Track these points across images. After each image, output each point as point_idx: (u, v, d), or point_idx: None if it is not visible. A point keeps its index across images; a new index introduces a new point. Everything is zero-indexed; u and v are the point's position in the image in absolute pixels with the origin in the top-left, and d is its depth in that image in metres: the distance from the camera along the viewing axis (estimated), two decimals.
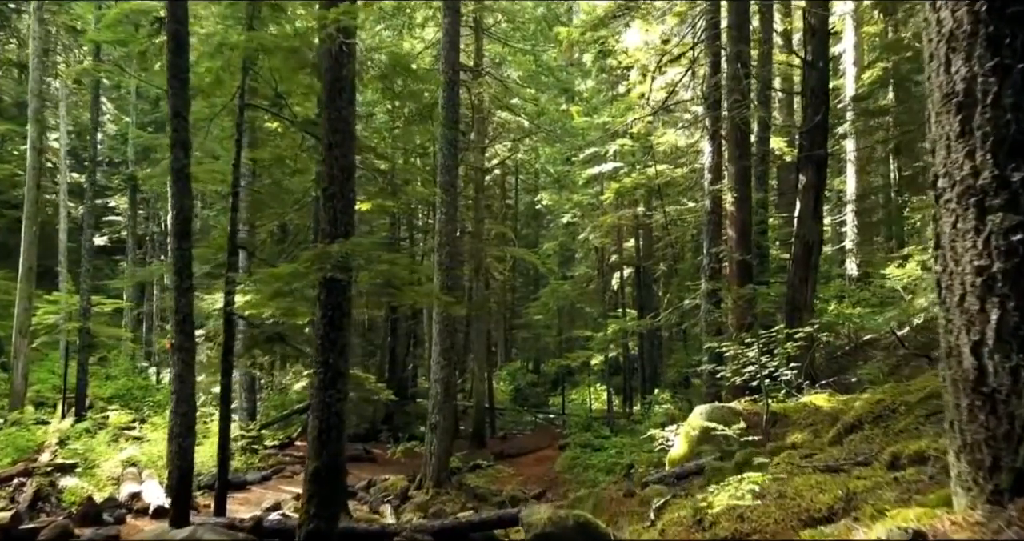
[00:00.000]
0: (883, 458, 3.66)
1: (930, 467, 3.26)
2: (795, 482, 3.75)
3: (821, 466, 4.44)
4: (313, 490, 6.85)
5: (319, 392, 7.02)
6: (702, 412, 8.93)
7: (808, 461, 4.82)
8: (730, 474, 7.12)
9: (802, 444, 7.08)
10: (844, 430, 5.80)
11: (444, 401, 14.62)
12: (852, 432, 5.69)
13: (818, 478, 3.73)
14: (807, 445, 6.79)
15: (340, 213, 7.17)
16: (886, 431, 5.25)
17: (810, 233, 12.43)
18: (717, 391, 12.67)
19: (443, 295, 13.80)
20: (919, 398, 5.43)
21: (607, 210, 24.34)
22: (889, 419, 5.49)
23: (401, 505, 13.48)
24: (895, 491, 3.04)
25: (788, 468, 4.62)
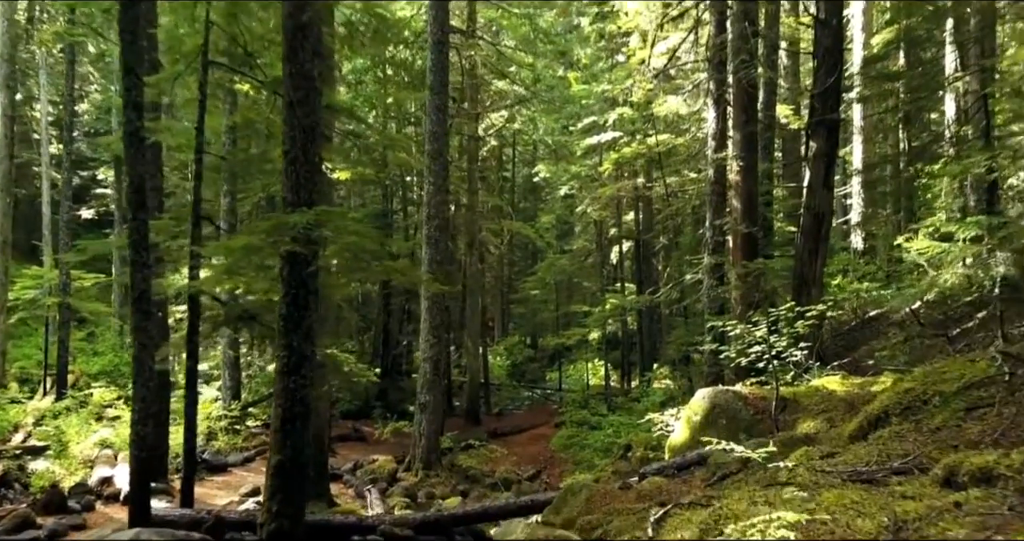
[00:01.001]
0: (936, 473, 2.98)
1: (1003, 491, 2.59)
2: (824, 498, 3.08)
3: (849, 472, 3.76)
4: (276, 486, 6.20)
5: (282, 378, 6.35)
6: (705, 396, 8.27)
7: (831, 464, 4.15)
8: (735, 466, 6.47)
9: (816, 435, 6.41)
10: (868, 423, 5.13)
11: (433, 380, 14.00)
12: (878, 426, 5.01)
13: (852, 495, 3.06)
14: (823, 437, 6.13)
15: (303, 179, 6.43)
16: (919, 427, 4.57)
17: (820, 203, 11.69)
18: (719, 371, 12.02)
19: (423, 271, 13.11)
20: (956, 388, 4.74)
21: (606, 182, 23.54)
22: (921, 412, 4.81)
23: (388, 488, 12.91)
24: (961, 524, 2.37)
25: (809, 475, 3.95)
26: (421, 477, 13.65)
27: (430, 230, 13.95)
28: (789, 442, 6.28)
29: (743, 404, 7.91)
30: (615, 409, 19.42)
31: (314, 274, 6.45)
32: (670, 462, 7.49)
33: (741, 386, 8.35)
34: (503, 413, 24.10)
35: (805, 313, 8.03)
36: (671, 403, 16.74)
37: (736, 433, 7.74)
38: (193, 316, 8.54)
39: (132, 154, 7.75)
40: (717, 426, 7.93)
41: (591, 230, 28.38)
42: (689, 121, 19.86)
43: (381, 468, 13.67)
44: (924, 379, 5.13)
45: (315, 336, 6.51)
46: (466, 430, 20.01)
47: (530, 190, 40.87)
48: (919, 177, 16.78)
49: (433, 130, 14.09)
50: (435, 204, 13.95)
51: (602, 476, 13.81)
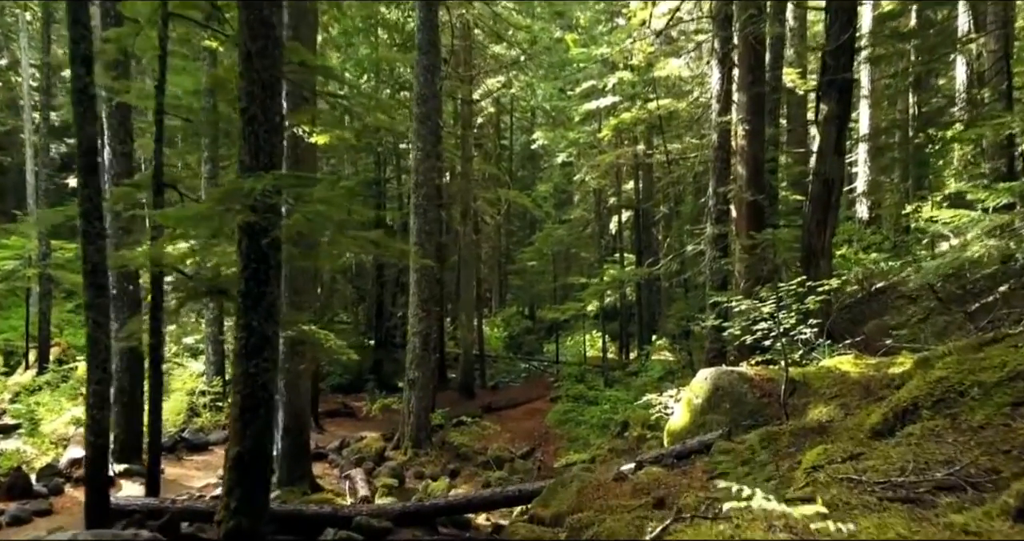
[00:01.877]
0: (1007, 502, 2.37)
1: None
2: (862, 528, 2.49)
3: (883, 484, 3.17)
4: (234, 480, 5.62)
5: (241, 362, 5.73)
6: (707, 377, 7.68)
7: (858, 469, 3.55)
8: (741, 459, 5.90)
9: (831, 424, 5.82)
10: (894, 416, 4.52)
11: (423, 356, 13.43)
12: (906, 420, 4.41)
13: (896, 524, 2.46)
14: (839, 428, 5.53)
15: (263, 141, 5.74)
16: (956, 424, 3.96)
17: (831, 169, 10.98)
18: (721, 348, 11.44)
19: (412, 241, 12.46)
20: (998, 378, 4.13)
21: (605, 149, 22.77)
22: (956, 405, 4.20)
23: (376, 468, 12.42)
24: None
25: (835, 486, 3.36)
26: (410, 456, 13.16)
27: (418, 199, 13.26)
28: (801, 432, 5.69)
29: (748, 387, 7.33)
30: (612, 383, 18.92)
31: (276, 246, 5.80)
32: (669, 450, 6.92)
33: (746, 366, 7.75)
34: (499, 386, 23.62)
35: (816, 288, 7.39)
36: (670, 378, 16.22)
37: (740, 418, 7.18)
38: (156, 292, 7.91)
39: (81, 113, 7.05)
40: (720, 410, 7.36)
41: (590, 199, 27.65)
42: (691, 84, 19.02)
43: (368, 447, 13.16)
44: (959, 366, 4.51)
45: (278, 314, 5.88)
46: (460, 404, 19.53)
47: (528, 158, 40.04)
48: (932, 143, 16.04)
49: (422, 92, 13.32)
50: (423, 171, 13.24)
51: (598, 455, 13.35)
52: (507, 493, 6.97)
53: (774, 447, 5.66)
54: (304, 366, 10.39)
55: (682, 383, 15.38)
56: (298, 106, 9.96)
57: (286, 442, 10.40)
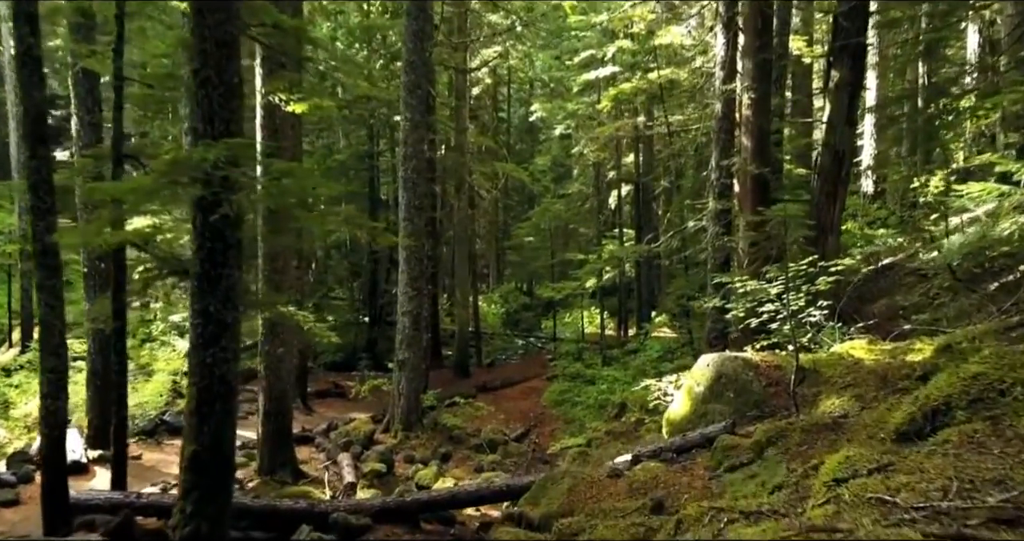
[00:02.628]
0: None
1: None
2: None
3: (925, 511, 2.64)
4: (191, 481, 5.12)
5: (197, 352, 5.20)
6: (709, 363, 7.16)
7: (889, 488, 3.02)
8: (746, 456, 5.39)
9: (846, 419, 5.30)
10: (923, 416, 3.99)
11: (413, 336, 12.91)
12: (937, 422, 3.88)
13: None
14: (856, 424, 5.00)
15: (218, 105, 5.14)
16: (999, 430, 3.44)
17: (841, 140, 10.39)
18: (723, 328, 10.92)
19: (401, 217, 11.90)
20: None
21: (604, 120, 22.05)
22: (997, 406, 3.68)
23: (364, 452, 11.95)
24: None
25: (863, 508, 2.84)
26: (400, 439, 12.71)
27: (407, 172, 12.64)
28: (813, 428, 5.17)
29: (754, 374, 6.81)
30: (610, 361, 18.45)
31: (233, 224, 5.23)
32: (668, 443, 6.42)
33: (751, 352, 7.22)
34: (495, 364, 23.17)
35: (828, 268, 6.84)
36: (669, 357, 15.75)
37: (745, 408, 6.67)
38: (118, 271, 7.37)
39: (27, 77, 6.44)
40: (723, 399, 6.85)
41: (589, 173, 26.99)
42: (693, 51, 18.26)
43: (357, 430, 12.69)
44: (998, 360, 3.98)
45: (239, 298, 5.33)
46: (454, 383, 19.10)
47: (526, 131, 39.28)
48: (944, 114, 15.37)
49: (410, 59, 12.63)
50: (412, 142, 12.60)
51: (594, 438, 12.90)
52: (494, 488, 6.50)
53: (783, 444, 5.15)
54: (283, 349, 9.87)
55: (681, 363, 14.94)
56: (273, 72, 9.33)
57: (267, 427, 9.93)
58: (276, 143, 9.67)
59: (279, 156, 9.67)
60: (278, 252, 9.77)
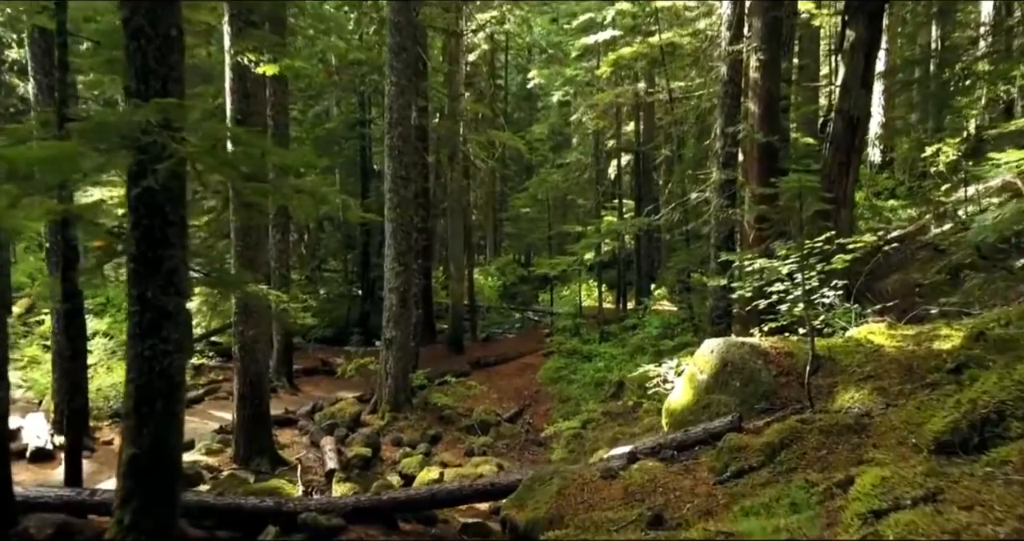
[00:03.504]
0: None
1: None
2: None
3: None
4: (130, 488, 4.54)
5: (135, 343, 4.58)
6: (713, 349, 6.55)
7: (943, 527, 2.43)
8: (756, 459, 4.81)
9: (870, 418, 4.70)
10: (969, 425, 3.40)
11: (401, 313, 12.31)
12: (986, 433, 3.28)
13: None
14: (882, 425, 4.41)
15: (153, 60, 4.45)
16: None
17: (856, 105, 9.68)
18: (727, 306, 10.31)
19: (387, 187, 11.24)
20: None
21: (603, 87, 21.21)
22: None
23: (349, 435, 11.43)
24: None
25: None
26: (388, 420, 12.17)
27: (393, 140, 11.92)
28: (833, 429, 4.58)
29: (762, 362, 6.20)
30: (608, 336, 17.89)
31: (175, 198, 4.58)
32: (668, 438, 5.84)
33: (759, 337, 6.61)
34: (490, 338, 22.63)
35: (846, 245, 6.20)
36: (669, 334, 15.18)
37: (753, 400, 6.08)
38: (67, 248, 6.72)
39: None
40: (728, 389, 6.26)
41: (588, 142, 26.18)
42: (696, 13, 17.38)
43: (342, 411, 12.15)
44: None
45: (183, 283, 4.70)
46: (448, 360, 18.58)
47: (525, 98, 38.37)
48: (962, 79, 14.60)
49: (395, 19, 11.83)
50: (398, 108, 11.86)
51: (590, 420, 12.37)
52: (477, 487, 5.95)
53: (799, 448, 4.56)
54: (258, 329, 9.26)
55: (682, 340, 14.38)
56: (242, 31, 8.58)
57: (242, 412, 9.36)
58: (248, 109, 8.95)
59: (250, 123, 8.97)
60: (251, 227, 9.12)
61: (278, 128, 13.93)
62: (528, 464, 11.34)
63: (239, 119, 8.88)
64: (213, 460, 9.43)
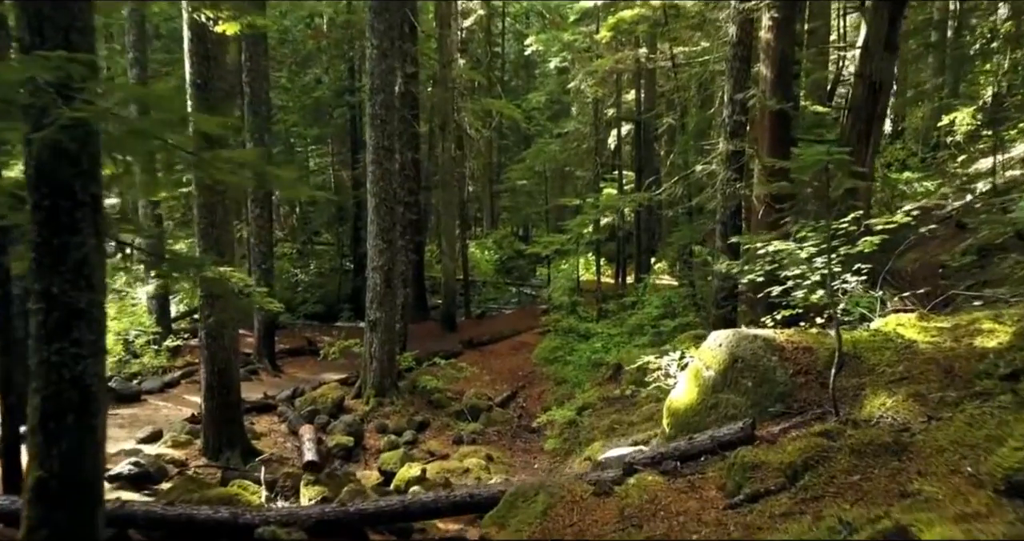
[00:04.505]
0: None
1: None
2: None
3: None
4: (38, 517, 3.84)
5: (40, 346, 3.85)
6: (722, 342, 5.83)
7: None
8: (775, 480, 4.11)
9: (911, 437, 3.98)
10: None
11: (385, 293, 11.60)
12: None
13: None
14: (930, 451, 3.70)
15: (49, 8, 3.66)
16: None
17: (879, 69, 8.84)
18: (733, 287, 9.58)
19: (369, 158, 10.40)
20: None
21: (603, 52, 20.22)
22: None
23: (331, 422, 10.79)
24: None
25: None
26: (373, 406, 11.53)
27: (375, 108, 11.09)
28: (866, 449, 3.87)
29: (777, 359, 5.48)
30: (607, 314, 17.21)
31: (86, 173, 3.82)
32: (670, 447, 5.14)
33: (773, 329, 5.87)
34: (485, 315, 21.96)
35: (875, 226, 5.45)
36: (670, 314, 14.48)
37: (767, 402, 5.38)
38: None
39: None
40: (739, 388, 5.55)
41: (588, 111, 25.22)
42: None
43: (324, 396, 11.49)
44: None
45: (97, 275, 3.96)
46: (440, 338, 17.91)
47: (522, 66, 37.21)
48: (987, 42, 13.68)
49: None
50: (380, 74, 11.00)
51: (587, 405, 11.72)
52: (454, 498, 5.28)
53: (826, 471, 3.86)
54: (226, 313, 8.55)
55: (684, 321, 13.68)
56: None
57: (210, 403, 8.70)
58: (209, 73, 8.12)
59: (212, 89, 8.15)
60: (215, 204, 8.35)
61: (255, 96, 13.08)
62: (519, 453, 10.76)
63: (199, 84, 8.07)
64: (180, 453, 8.78)
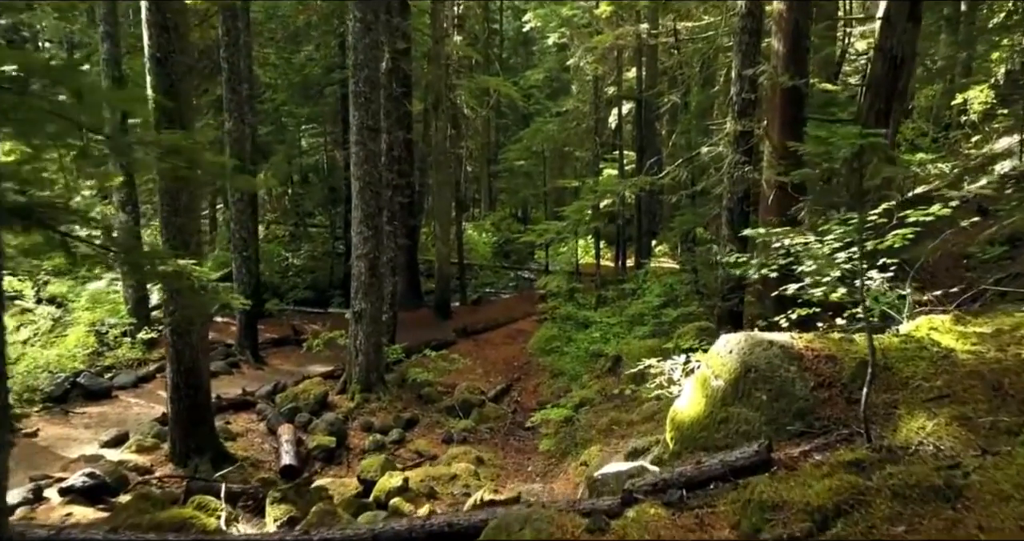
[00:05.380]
0: None
1: None
2: None
3: None
4: None
5: None
6: (733, 349, 5.18)
7: None
8: (799, 525, 3.48)
9: (963, 477, 3.33)
10: None
11: (371, 283, 10.96)
12: None
13: None
14: (991, 499, 3.06)
15: None
16: None
17: (902, 43, 8.10)
18: (739, 279, 8.92)
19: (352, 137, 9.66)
20: None
21: (603, 28, 19.40)
22: None
23: (313, 421, 10.19)
24: None
25: None
26: (358, 402, 10.94)
27: (358, 85, 10.36)
28: (911, 494, 3.23)
29: (796, 369, 4.84)
30: (607, 301, 16.58)
31: None
32: (675, 473, 4.50)
33: (790, 334, 5.21)
34: (482, 301, 21.34)
35: (907, 218, 4.78)
36: (672, 303, 13.83)
37: (784, 418, 4.74)
38: None
39: None
40: (752, 401, 4.92)
41: (588, 90, 24.41)
42: None
43: (307, 392, 10.89)
44: None
45: None
46: (433, 326, 17.31)
47: (522, 43, 36.30)
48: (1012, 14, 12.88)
49: None
50: (363, 48, 10.26)
51: (584, 400, 11.11)
52: (431, 528, 4.67)
53: (864, 519, 3.23)
54: (192, 308, 7.89)
55: (686, 311, 13.04)
56: None
57: (177, 405, 8.08)
58: (170, 45, 7.40)
59: (173, 62, 7.44)
60: (178, 189, 7.67)
61: (233, 72, 12.34)
62: (512, 453, 10.17)
63: (158, 57, 7.36)
64: (145, 459, 8.19)
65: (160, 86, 7.35)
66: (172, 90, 7.38)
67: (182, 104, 7.49)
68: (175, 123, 7.44)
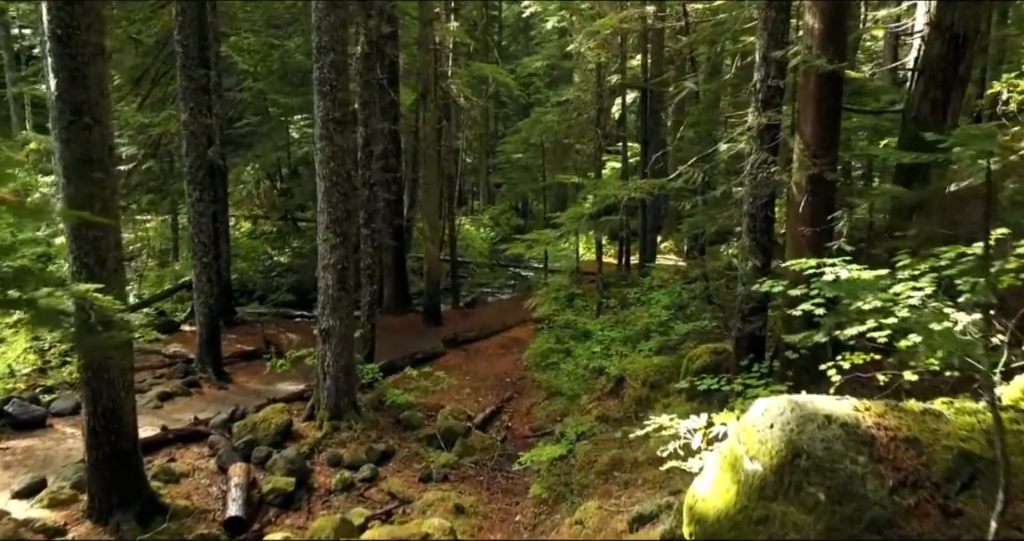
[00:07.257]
0: None
1: None
2: None
3: None
4: None
5: None
6: (774, 421, 3.84)
7: None
8: None
9: None
10: None
11: (339, 297, 9.65)
12: None
13: None
14: None
15: None
16: None
17: (962, 20, 6.73)
18: (761, 303, 7.60)
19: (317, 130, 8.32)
20: None
21: (606, 11, 18.02)
22: None
23: (273, 455, 8.92)
24: None
25: None
26: (326, 431, 9.65)
27: (322, 71, 9.00)
28: None
29: (867, 458, 3.50)
30: (610, 308, 15.26)
31: None
32: None
33: (858, 407, 3.83)
34: (476, 303, 20.06)
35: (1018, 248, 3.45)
36: (681, 315, 12.48)
37: (851, 529, 3.41)
38: None
39: None
40: (803, 499, 3.59)
41: (590, 78, 23.01)
42: None
43: (267, 421, 9.56)
44: None
45: None
46: (421, 334, 16.03)
47: (521, 30, 34.93)
48: None
49: None
50: (328, 29, 8.89)
51: (582, 429, 9.81)
52: None
53: None
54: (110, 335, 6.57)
55: (697, 325, 11.68)
56: None
57: (95, 453, 6.81)
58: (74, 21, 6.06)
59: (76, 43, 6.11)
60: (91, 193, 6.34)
61: (189, 58, 10.98)
62: (499, 496, 8.87)
63: (58, 36, 6.02)
64: (58, 515, 6.91)
65: (61, 69, 6.03)
66: (77, 75, 6.06)
67: (92, 93, 6.16)
68: (83, 116, 6.12)
